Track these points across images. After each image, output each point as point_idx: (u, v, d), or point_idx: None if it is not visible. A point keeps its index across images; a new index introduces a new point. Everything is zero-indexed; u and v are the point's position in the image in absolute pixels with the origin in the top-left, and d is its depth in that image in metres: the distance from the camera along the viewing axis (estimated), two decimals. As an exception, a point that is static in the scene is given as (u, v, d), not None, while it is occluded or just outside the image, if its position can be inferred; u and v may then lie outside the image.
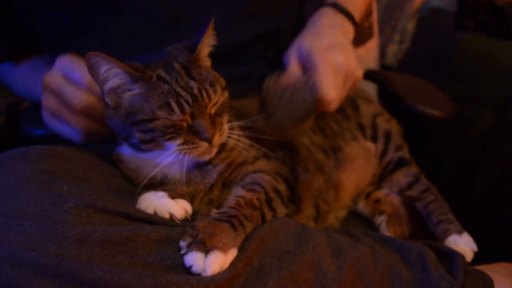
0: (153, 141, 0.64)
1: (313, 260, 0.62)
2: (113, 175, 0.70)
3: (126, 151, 0.70)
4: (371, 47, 1.36)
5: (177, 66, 0.65)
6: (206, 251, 0.55)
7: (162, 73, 0.64)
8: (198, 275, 0.55)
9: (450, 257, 0.71)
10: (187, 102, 0.63)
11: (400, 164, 0.93)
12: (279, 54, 0.91)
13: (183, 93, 0.63)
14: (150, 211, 0.63)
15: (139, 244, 0.56)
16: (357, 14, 0.94)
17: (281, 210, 0.69)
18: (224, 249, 0.56)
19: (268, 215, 0.66)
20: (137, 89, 0.63)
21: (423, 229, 0.89)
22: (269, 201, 0.67)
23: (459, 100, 1.02)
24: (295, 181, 0.76)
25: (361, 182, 0.92)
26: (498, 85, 1.09)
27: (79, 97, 0.71)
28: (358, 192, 0.93)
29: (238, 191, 0.66)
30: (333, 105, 0.83)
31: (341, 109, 0.93)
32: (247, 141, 0.70)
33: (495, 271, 0.71)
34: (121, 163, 0.71)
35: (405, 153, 0.95)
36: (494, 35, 1.23)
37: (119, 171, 0.71)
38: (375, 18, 1.35)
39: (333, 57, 0.82)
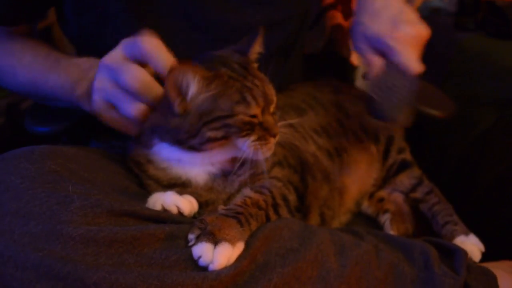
0: (223, 138, 0.64)
1: (317, 258, 0.62)
2: (117, 174, 0.70)
3: (163, 151, 0.68)
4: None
5: (236, 65, 0.65)
6: (215, 242, 0.56)
7: (228, 72, 0.64)
8: (204, 267, 0.56)
9: (453, 252, 0.71)
10: (259, 96, 0.64)
11: (403, 166, 0.94)
12: (289, 43, 0.92)
13: (254, 88, 0.64)
14: (158, 207, 0.63)
15: (145, 242, 0.56)
16: None
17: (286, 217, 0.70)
18: (232, 242, 0.57)
19: (273, 217, 0.67)
20: (212, 90, 0.63)
21: (424, 227, 0.89)
22: (275, 206, 0.68)
23: (459, 100, 1.02)
24: (305, 190, 0.76)
25: (365, 186, 0.93)
26: (498, 85, 1.09)
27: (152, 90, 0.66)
28: (361, 196, 0.93)
29: (246, 191, 0.68)
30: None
31: (343, 110, 0.93)
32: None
33: (498, 268, 0.72)
34: (150, 163, 0.69)
35: (407, 155, 0.96)
36: (494, 35, 1.23)
37: (123, 171, 0.71)
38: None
39: (403, 33, 0.82)
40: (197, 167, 0.68)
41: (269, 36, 0.80)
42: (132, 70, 0.65)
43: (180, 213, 0.64)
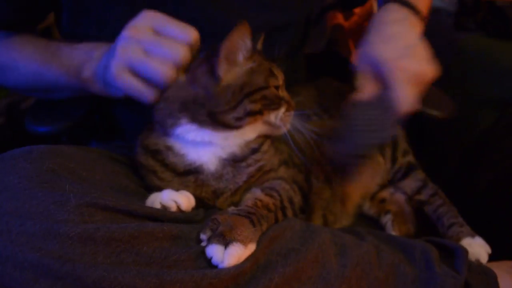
0: (258, 113, 0.67)
1: (317, 258, 0.62)
2: (116, 174, 0.70)
3: (189, 134, 0.68)
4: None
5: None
6: (226, 243, 0.56)
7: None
8: (216, 266, 0.56)
9: (453, 252, 0.71)
10: (279, 72, 0.71)
11: (409, 169, 0.93)
12: (292, 47, 0.92)
13: (274, 66, 0.71)
14: (157, 205, 0.64)
15: (143, 241, 0.56)
16: (422, 7, 0.88)
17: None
18: (244, 242, 0.57)
19: (281, 218, 0.67)
20: (255, 63, 0.68)
21: (426, 227, 0.89)
22: (283, 209, 0.68)
23: (459, 100, 1.02)
24: (309, 190, 0.76)
25: (368, 191, 0.93)
26: (498, 85, 1.09)
27: (180, 50, 0.68)
28: (363, 200, 0.93)
29: (257, 193, 0.68)
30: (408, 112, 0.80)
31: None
32: (272, 149, 0.73)
33: (498, 268, 0.72)
34: (170, 149, 0.69)
35: (411, 158, 0.95)
36: (494, 35, 1.23)
37: (123, 170, 0.71)
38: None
39: (405, 66, 0.77)
40: (213, 150, 0.68)
41: (272, 40, 0.81)
42: (171, 44, 0.67)
43: (178, 209, 0.64)
